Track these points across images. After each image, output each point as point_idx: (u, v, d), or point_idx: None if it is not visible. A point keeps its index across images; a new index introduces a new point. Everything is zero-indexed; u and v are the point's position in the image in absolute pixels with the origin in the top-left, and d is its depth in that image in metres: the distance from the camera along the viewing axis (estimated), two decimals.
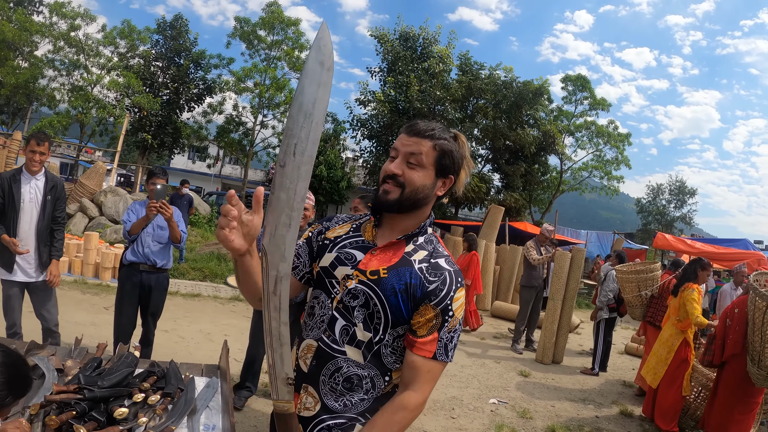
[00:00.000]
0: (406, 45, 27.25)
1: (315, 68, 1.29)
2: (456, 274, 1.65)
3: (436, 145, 1.63)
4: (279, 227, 1.33)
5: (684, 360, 5.66)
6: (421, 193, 1.64)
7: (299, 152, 1.30)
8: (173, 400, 2.13)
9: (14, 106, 29.75)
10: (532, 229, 18.58)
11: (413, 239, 1.69)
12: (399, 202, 1.63)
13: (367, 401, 1.63)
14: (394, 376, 1.65)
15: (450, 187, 1.72)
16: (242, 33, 25.94)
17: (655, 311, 6.95)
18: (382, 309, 1.60)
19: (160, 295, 4.96)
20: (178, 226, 4.82)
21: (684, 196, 54.09)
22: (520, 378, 7.14)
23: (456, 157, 1.67)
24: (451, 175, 1.68)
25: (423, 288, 1.60)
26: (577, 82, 29.57)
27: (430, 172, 1.64)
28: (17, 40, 22.76)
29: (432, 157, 1.63)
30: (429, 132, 1.63)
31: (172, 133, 26.26)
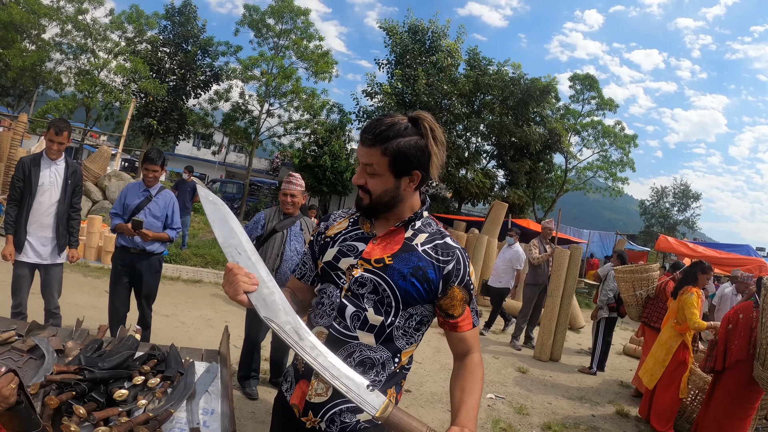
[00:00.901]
0: (415, 38, 27.14)
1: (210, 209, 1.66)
2: (462, 250, 1.73)
3: (386, 149, 1.61)
4: (268, 299, 1.52)
5: (682, 362, 5.66)
6: (386, 197, 1.68)
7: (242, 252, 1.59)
8: (173, 383, 2.14)
9: (20, 88, 29.83)
10: (535, 226, 18.53)
11: (411, 224, 1.75)
12: (372, 207, 1.72)
13: (377, 383, 1.67)
14: (404, 356, 1.73)
15: (422, 179, 1.69)
16: (251, 21, 25.87)
17: (651, 312, 6.95)
18: (392, 294, 1.66)
19: (152, 278, 5.03)
20: (174, 216, 5.04)
21: (688, 199, 54.03)
22: (517, 374, 7.14)
23: (414, 155, 1.63)
24: (415, 170, 1.66)
25: (437, 269, 1.67)
26: (585, 81, 29.43)
27: (388, 177, 1.66)
28: (25, 22, 22.73)
29: (385, 164, 1.63)
30: (376, 138, 1.62)
31: (178, 120, 26.25)
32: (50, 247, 4.60)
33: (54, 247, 4.62)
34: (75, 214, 4.75)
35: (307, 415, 1.70)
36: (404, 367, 1.77)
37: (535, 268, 8.64)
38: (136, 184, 5.04)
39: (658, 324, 6.71)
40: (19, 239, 4.46)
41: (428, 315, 1.75)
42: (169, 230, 5.04)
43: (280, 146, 30.17)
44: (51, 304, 4.70)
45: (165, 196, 5.06)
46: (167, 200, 5.06)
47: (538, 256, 8.51)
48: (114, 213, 4.91)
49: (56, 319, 4.70)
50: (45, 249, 4.58)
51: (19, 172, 4.47)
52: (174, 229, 5.09)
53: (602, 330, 7.83)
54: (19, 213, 4.47)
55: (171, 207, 5.06)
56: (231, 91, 27.20)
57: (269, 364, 5.24)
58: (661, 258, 20.74)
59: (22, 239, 4.47)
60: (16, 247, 4.46)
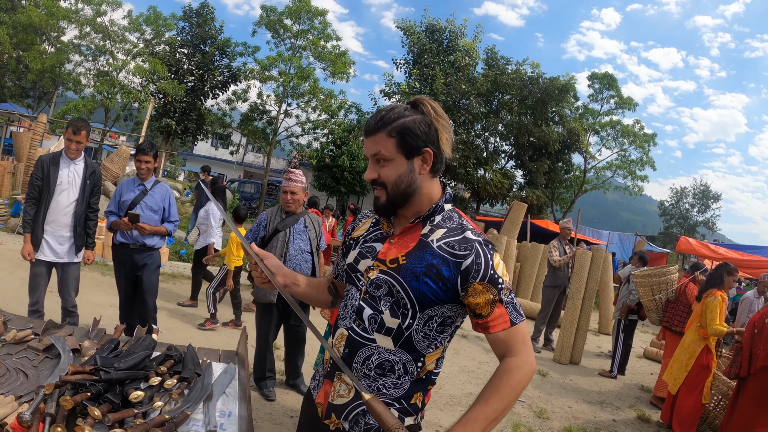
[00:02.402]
0: (433, 38, 27.10)
1: None
2: (485, 242, 1.60)
3: (391, 130, 1.58)
4: None
5: (705, 367, 5.53)
6: (403, 184, 1.61)
7: None
8: (190, 384, 2.11)
9: (40, 90, 30.19)
10: (554, 227, 18.41)
11: (429, 219, 1.66)
12: (390, 202, 1.64)
13: (401, 386, 1.62)
14: (428, 360, 1.63)
15: (435, 158, 1.62)
16: (268, 21, 25.93)
17: (672, 316, 6.82)
18: (406, 295, 1.58)
19: (153, 273, 5.01)
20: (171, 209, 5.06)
21: (708, 200, 53.39)
22: (537, 377, 7.05)
23: (420, 129, 1.59)
24: (426, 148, 1.60)
25: (454, 265, 1.56)
26: (603, 80, 29.18)
27: (399, 160, 1.60)
28: (44, 25, 23.01)
29: (392, 145, 1.59)
30: (378, 124, 1.60)
31: (196, 120, 26.40)
32: (67, 245, 4.60)
33: (71, 246, 4.62)
34: (92, 214, 4.76)
35: (330, 418, 1.68)
36: (432, 372, 1.67)
37: (555, 270, 8.53)
38: (131, 179, 5.02)
39: (679, 328, 6.59)
40: (36, 237, 4.48)
41: (452, 316, 1.63)
42: (167, 224, 5.01)
43: (297, 146, 30.21)
44: (68, 302, 4.70)
45: (161, 189, 5.02)
46: (163, 193, 5.02)
47: (558, 259, 8.40)
48: (109, 211, 4.90)
49: (73, 318, 4.70)
50: (62, 248, 4.58)
51: (38, 170, 4.49)
52: (172, 222, 5.06)
53: (622, 333, 7.71)
54: (37, 211, 4.48)
55: (167, 200, 5.02)
56: (249, 91, 27.30)
57: (284, 365, 5.19)
58: (681, 260, 20.48)
59: (39, 237, 4.49)
60: (33, 244, 4.48)
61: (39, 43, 23.98)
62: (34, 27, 22.96)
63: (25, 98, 33.39)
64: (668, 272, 7.03)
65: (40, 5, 23.63)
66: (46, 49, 24.40)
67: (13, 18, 23.05)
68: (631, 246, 19.81)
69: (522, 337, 1.57)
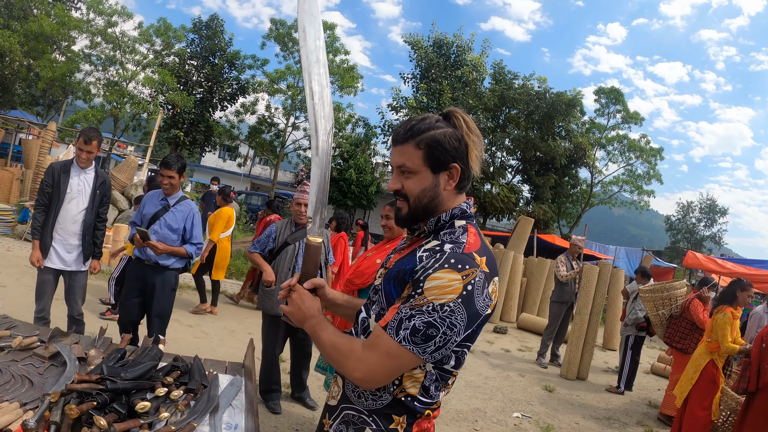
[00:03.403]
0: (440, 52, 27.20)
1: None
2: (452, 256, 1.43)
3: (420, 142, 1.52)
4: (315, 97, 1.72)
5: (712, 382, 5.45)
6: (426, 198, 1.55)
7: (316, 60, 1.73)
8: (196, 396, 2.09)
9: (50, 98, 30.46)
10: (561, 242, 18.34)
11: (435, 234, 1.57)
12: (412, 215, 1.59)
13: (379, 399, 1.52)
14: (405, 381, 1.50)
15: (462, 174, 1.55)
16: (277, 35, 26.11)
17: (673, 331, 6.74)
18: (384, 299, 1.55)
19: (165, 295, 4.64)
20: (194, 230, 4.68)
21: (714, 214, 53.08)
22: (544, 392, 6.99)
23: (450, 143, 1.52)
24: (454, 163, 1.53)
25: (414, 272, 1.46)
26: (610, 94, 29.22)
27: (425, 174, 1.54)
28: (55, 34, 23.23)
29: (419, 158, 1.53)
30: (408, 134, 1.54)
31: (204, 131, 26.53)
32: (75, 254, 4.59)
33: (79, 254, 4.61)
34: (101, 224, 4.74)
35: (325, 417, 1.67)
36: (416, 399, 1.51)
37: (562, 285, 8.47)
38: (156, 192, 4.77)
39: (680, 344, 6.53)
40: (45, 244, 4.48)
41: None
42: (188, 245, 4.64)
43: (305, 159, 30.31)
44: (74, 310, 4.69)
45: (184, 206, 4.70)
46: (186, 212, 4.68)
47: (565, 274, 8.34)
48: (132, 222, 4.75)
49: (79, 326, 4.68)
50: (70, 256, 4.57)
51: (49, 177, 4.49)
52: (194, 245, 4.68)
53: (630, 348, 7.65)
54: (47, 218, 4.48)
55: (191, 219, 4.67)
56: (257, 104, 27.44)
57: (290, 378, 5.14)
58: (688, 274, 20.36)
59: (47, 244, 4.48)
60: (41, 251, 4.48)
61: (50, 52, 24.18)
62: (45, 36, 23.18)
63: (35, 106, 33.68)
64: (673, 287, 6.95)
65: (52, 14, 23.87)
66: (57, 58, 24.61)
67: (25, 26, 23.29)
68: (638, 261, 19.73)
69: (376, 343, 1.43)
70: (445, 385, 1.56)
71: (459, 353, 1.51)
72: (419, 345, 1.38)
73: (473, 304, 1.40)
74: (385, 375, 1.43)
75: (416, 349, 1.38)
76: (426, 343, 1.38)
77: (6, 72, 24.71)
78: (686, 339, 6.48)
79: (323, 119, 1.72)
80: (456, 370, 1.55)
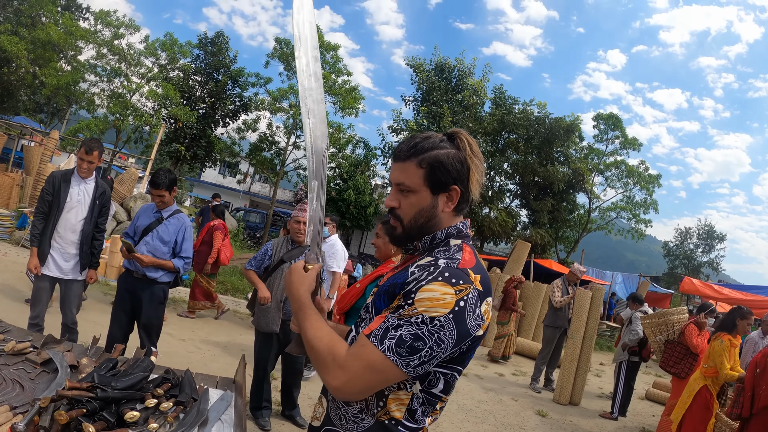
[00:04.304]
0: (442, 76, 27.41)
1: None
2: (447, 270, 1.40)
3: (422, 161, 1.49)
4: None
5: (706, 407, 5.43)
6: (421, 219, 1.52)
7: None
8: (185, 409, 2.09)
9: (54, 106, 30.62)
10: (558, 267, 18.36)
11: (429, 252, 1.53)
12: (407, 235, 1.56)
13: (362, 423, 1.48)
14: (390, 402, 1.45)
15: (461, 197, 1.52)
16: (281, 54, 26.29)
17: (668, 356, 6.74)
18: (373, 314, 1.50)
19: (152, 308, 4.61)
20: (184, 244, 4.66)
21: (712, 240, 53.13)
22: (537, 417, 6.95)
23: (452, 165, 1.49)
24: (454, 185, 1.50)
25: (404, 283, 1.43)
26: (608, 120, 29.39)
27: (424, 194, 1.51)
28: (62, 43, 23.44)
29: (420, 177, 1.49)
30: (410, 151, 1.51)
31: (206, 147, 26.63)
32: (72, 263, 4.61)
33: (76, 263, 4.62)
34: (99, 234, 4.76)
35: None
36: (401, 424, 1.46)
37: (556, 310, 8.47)
38: (150, 205, 4.78)
39: (674, 369, 6.53)
40: (42, 251, 4.49)
41: None
42: (177, 259, 4.62)
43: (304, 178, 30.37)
44: (69, 319, 4.69)
45: (177, 220, 4.68)
46: (178, 225, 4.66)
47: (560, 299, 8.34)
48: (125, 233, 4.76)
49: (73, 334, 4.67)
50: (67, 264, 4.58)
51: (49, 185, 4.52)
52: (182, 258, 4.65)
53: (624, 374, 7.63)
54: (46, 226, 4.51)
55: (182, 233, 4.65)
56: (259, 121, 27.55)
57: (280, 396, 5.11)
58: (685, 300, 20.37)
59: (45, 252, 4.50)
60: (39, 259, 4.49)
61: (56, 61, 24.40)
62: (52, 44, 23.39)
63: (38, 113, 33.85)
64: (669, 313, 6.98)
65: (60, 23, 24.09)
66: (63, 67, 24.81)
67: (33, 34, 23.52)
68: (634, 286, 19.75)
69: (359, 352, 1.37)
70: (433, 410, 1.51)
71: (449, 377, 1.47)
72: (403, 357, 1.32)
73: (464, 322, 1.36)
74: (364, 387, 1.37)
75: (400, 361, 1.32)
76: (411, 356, 1.33)
77: (11, 78, 24.89)
78: (680, 363, 6.48)
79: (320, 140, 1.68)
80: (445, 396, 1.50)
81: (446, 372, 1.46)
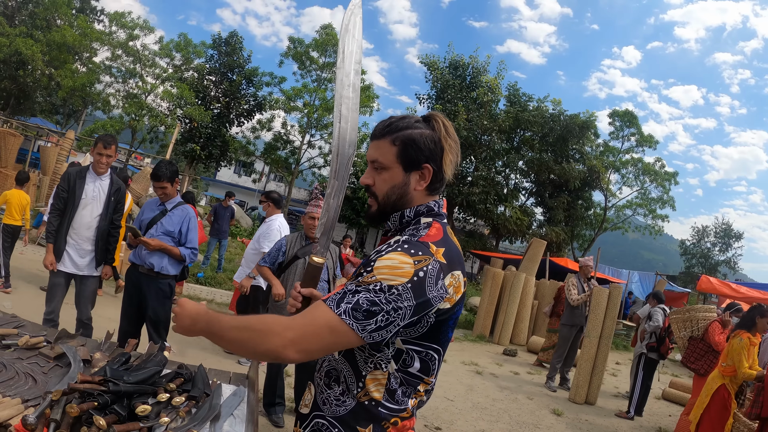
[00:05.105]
0: (456, 73, 27.34)
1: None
2: (406, 242, 1.45)
3: (396, 139, 1.54)
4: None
5: (724, 407, 5.36)
6: (393, 195, 1.56)
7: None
8: (198, 404, 2.08)
9: (70, 107, 30.95)
10: (573, 265, 18.19)
11: (401, 231, 1.57)
12: (381, 212, 1.60)
13: (344, 405, 1.50)
14: (368, 384, 1.47)
15: (434, 176, 1.56)
16: (295, 53, 26.41)
17: (690, 352, 6.71)
18: None
19: (159, 303, 4.58)
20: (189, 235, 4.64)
21: (729, 239, 52.48)
22: (552, 416, 6.90)
23: (425, 144, 1.53)
24: (426, 164, 1.54)
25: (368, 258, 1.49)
26: (624, 117, 29.18)
27: (396, 171, 1.55)
28: (77, 45, 23.70)
29: (393, 154, 1.54)
30: (385, 130, 1.56)
31: (221, 146, 26.78)
32: (88, 259, 4.63)
33: (92, 259, 4.65)
34: (115, 231, 4.79)
35: (296, 425, 1.64)
36: (381, 404, 1.48)
37: (573, 308, 8.40)
38: (154, 199, 4.80)
39: (694, 365, 6.49)
40: (58, 248, 4.53)
41: None
42: (183, 248, 4.61)
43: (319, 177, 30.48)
44: (83, 314, 4.72)
45: (181, 211, 4.68)
46: (182, 216, 4.66)
47: (577, 298, 8.26)
48: (129, 227, 4.64)
49: (87, 329, 4.70)
50: (82, 261, 4.61)
51: (64, 182, 4.55)
52: (188, 248, 4.64)
53: (641, 372, 7.55)
54: (61, 223, 4.54)
55: (186, 224, 4.65)
56: (273, 120, 27.69)
57: (294, 392, 5.10)
58: (702, 299, 20.14)
59: (61, 248, 4.53)
60: (55, 254, 4.52)
61: (71, 62, 24.65)
62: (67, 46, 23.64)
63: (54, 114, 34.22)
64: (696, 310, 6.96)
65: (75, 26, 24.34)
66: (78, 69, 25.06)
67: (48, 36, 23.78)
68: (651, 285, 19.55)
69: (311, 316, 1.37)
70: (415, 391, 1.51)
71: (423, 355, 1.48)
72: (359, 321, 1.34)
73: (424, 292, 1.37)
74: (317, 345, 1.36)
75: (356, 325, 1.33)
76: (367, 320, 1.34)
77: (28, 80, 25.17)
78: (701, 360, 6.43)
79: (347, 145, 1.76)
80: (426, 377, 1.51)
81: (419, 350, 1.47)
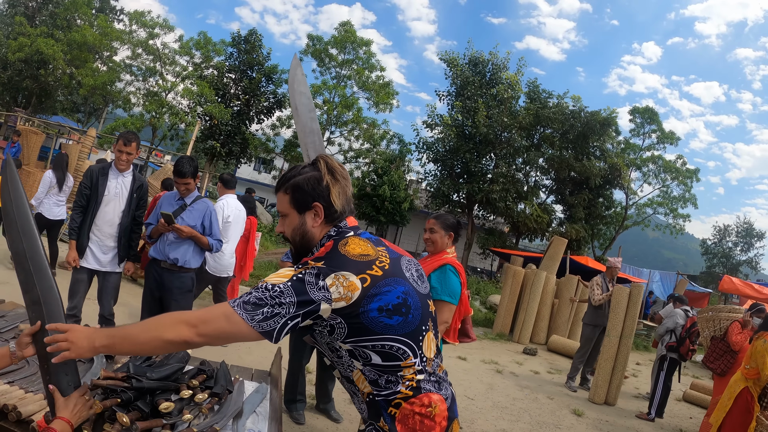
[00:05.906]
0: (476, 70, 27.18)
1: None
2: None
3: (287, 188, 1.76)
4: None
5: (746, 410, 5.24)
6: (297, 236, 1.77)
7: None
8: (220, 400, 2.08)
9: (91, 106, 31.35)
10: (594, 264, 18.02)
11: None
12: (297, 253, 1.81)
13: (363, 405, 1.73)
14: (358, 383, 1.70)
15: (326, 210, 1.74)
16: (314, 50, 26.45)
17: (711, 352, 6.60)
18: None
19: (182, 297, 4.63)
20: (213, 228, 4.70)
21: (751, 239, 51.65)
22: (573, 417, 6.83)
23: (308, 185, 1.73)
24: (316, 202, 1.73)
25: None
26: (645, 114, 28.82)
27: (293, 215, 1.76)
28: (98, 44, 23.97)
29: (287, 202, 1.76)
30: (280, 182, 1.79)
31: (241, 143, 26.92)
32: (110, 255, 4.65)
33: (114, 255, 4.66)
34: (137, 227, 4.80)
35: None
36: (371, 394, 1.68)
37: (596, 308, 8.29)
38: (172, 194, 4.82)
39: (713, 364, 6.41)
40: (81, 244, 4.55)
41: (314, 328, 1.67)
42: (210, 239, 4.68)
43: None
44: (106, 310, 4.75)
45: (201, 205, 4.72)
46: (203, 210, 4.70)
47: (599, 297, 8.15)
48: (147, 223, 4.77)
49: (110, 325, 4.72)
50: (105, 257, 4.63)
51: (87, 179, 4.57)
52: (214, 240, 4.72)
53: (663, 373, 7.45)
54: (84, 219, 4.55)
55: (208, 217, 4.70)
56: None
57: (315, 389, 5.10)
58: (723, 300, 19.86)
59: (84, 244, 4.55)
60: (78, 251, 4.54)
61: (92, 61, 24.94)
62: (88, 45, 23.92)
63: (75, 113, 34.64)
64: (721, 309, 6.86)
65: (95, 25, 24.62)
66: (99, 67, 25.35)
67: (69, 36, 24.08)
68: (672, 285, 19.33)
69: (214, 312, 1.55)
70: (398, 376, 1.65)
71: (378, 348, 1.61)
72: (248, 312, 1.52)
73: (305, 291, 1.54)
74: (215, 329, 1.53)
75: (246, 315, 1.52)
76: (254, 312, 1.52)
77: (49, 79, 25.52)
78: (720, 360, 6.34)
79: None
80: (401, 362, 1.64)
81: (366, 345, 1.61)
